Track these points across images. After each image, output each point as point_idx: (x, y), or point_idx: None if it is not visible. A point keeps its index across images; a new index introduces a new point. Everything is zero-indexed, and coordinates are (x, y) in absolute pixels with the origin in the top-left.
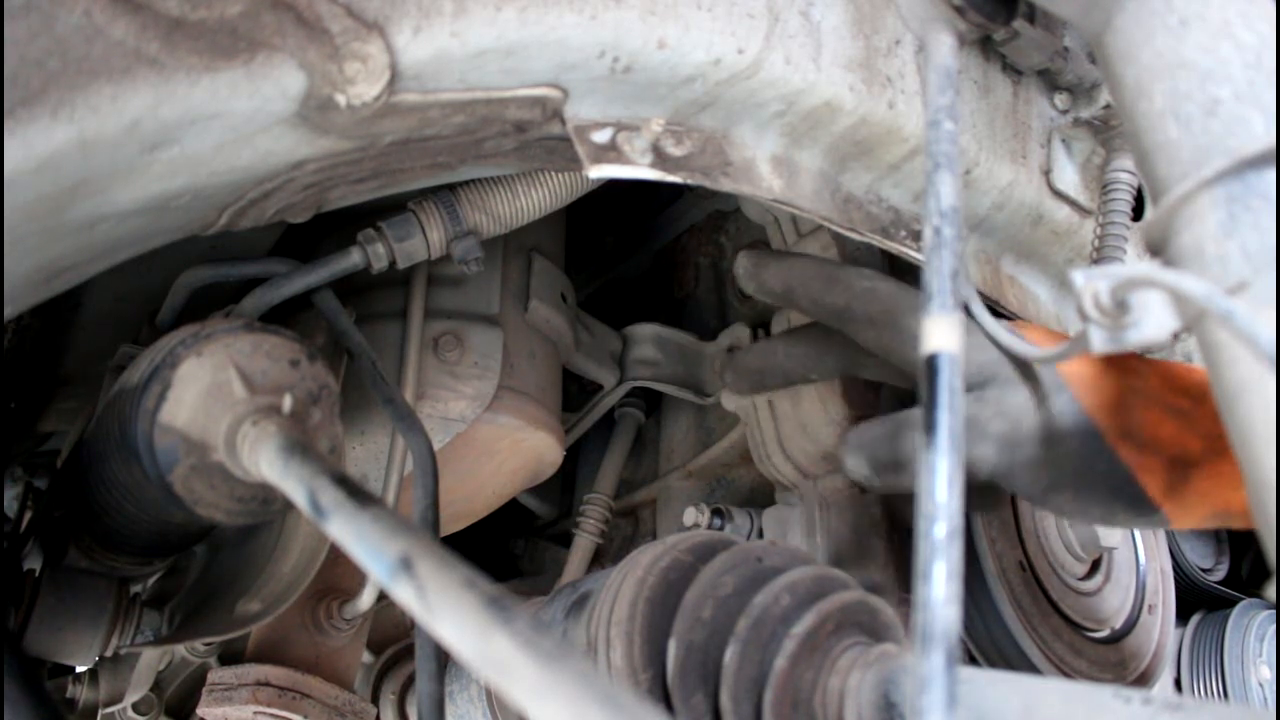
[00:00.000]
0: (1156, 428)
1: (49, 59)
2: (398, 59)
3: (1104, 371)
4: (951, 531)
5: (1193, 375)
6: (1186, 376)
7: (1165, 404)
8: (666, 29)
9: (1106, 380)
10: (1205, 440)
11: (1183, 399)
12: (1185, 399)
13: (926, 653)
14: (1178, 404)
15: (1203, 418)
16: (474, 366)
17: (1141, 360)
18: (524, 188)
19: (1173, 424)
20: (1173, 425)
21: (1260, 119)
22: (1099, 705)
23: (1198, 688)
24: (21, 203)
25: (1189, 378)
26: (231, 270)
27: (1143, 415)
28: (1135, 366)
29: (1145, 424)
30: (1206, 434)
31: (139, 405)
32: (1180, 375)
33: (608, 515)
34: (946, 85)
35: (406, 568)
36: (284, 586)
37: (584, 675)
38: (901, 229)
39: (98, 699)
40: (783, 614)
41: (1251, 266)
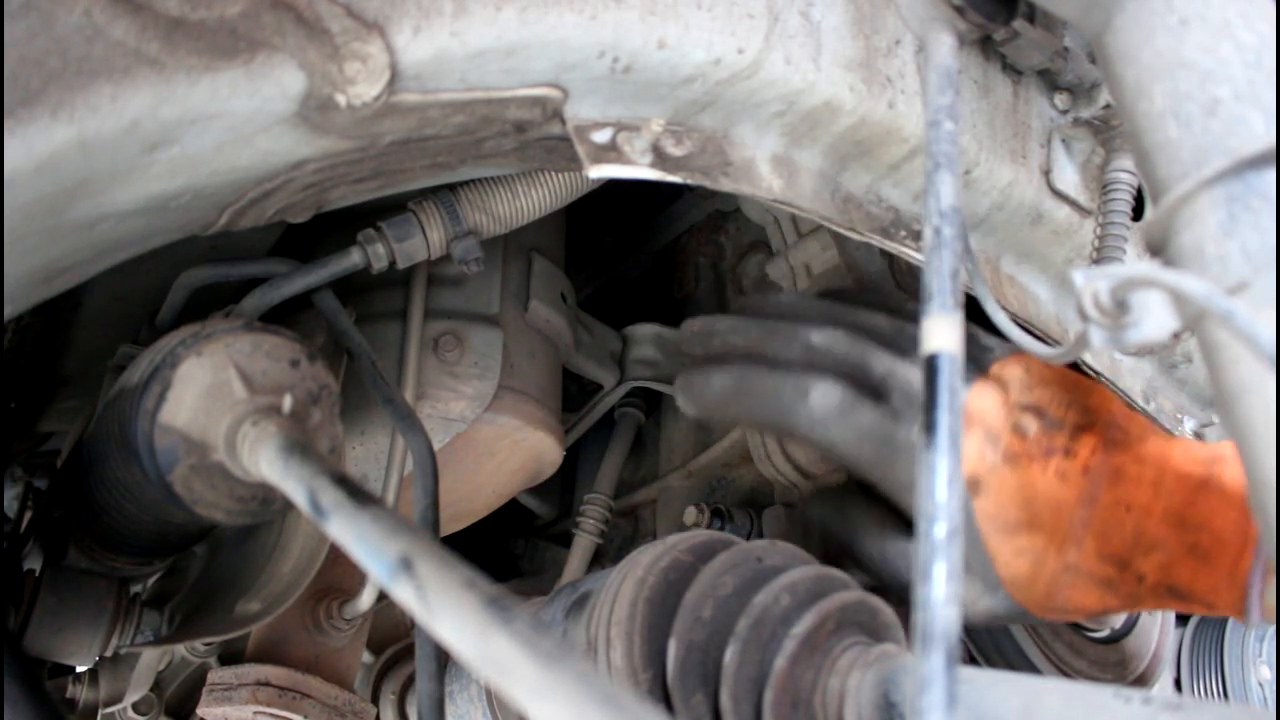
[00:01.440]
0: (1080, 600)
1: (49, 59)
2: (398, 59)
3: (1042, 559)
4: (951, 531)
5: (1123, 531)
6: (1118, 534)
7: (1094, 577)
8: (666, 29)
9: (1043, 570)
10: (1123, 599)
11: (1109, 567)
12: (1111, 567)
13: (926, 653)
14: (1105, 574)
15: (1125, 581)
16: (474, 366)
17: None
18: (524, 188)
19: (1095, 594)
20: (1094, 595)
21: (1260, 119)
22: (1099, 705)
23: (1198, 688)
24: (21, 203)
25: (1120, 535)
26: (231, 270)
27: (1069, 594)
28: (1075, 530)
29: (1071, 600)
30: (1126, 594)
31: (139, 405)
32: (1114, 534)
33: (608, 515)
34: (946, 85)
35: (406, 568)
36: (284, 586)
37: (584, 675)
38: (901, 229)
39: (98, 699)
40: (783, 614)
41: (1251, 266)
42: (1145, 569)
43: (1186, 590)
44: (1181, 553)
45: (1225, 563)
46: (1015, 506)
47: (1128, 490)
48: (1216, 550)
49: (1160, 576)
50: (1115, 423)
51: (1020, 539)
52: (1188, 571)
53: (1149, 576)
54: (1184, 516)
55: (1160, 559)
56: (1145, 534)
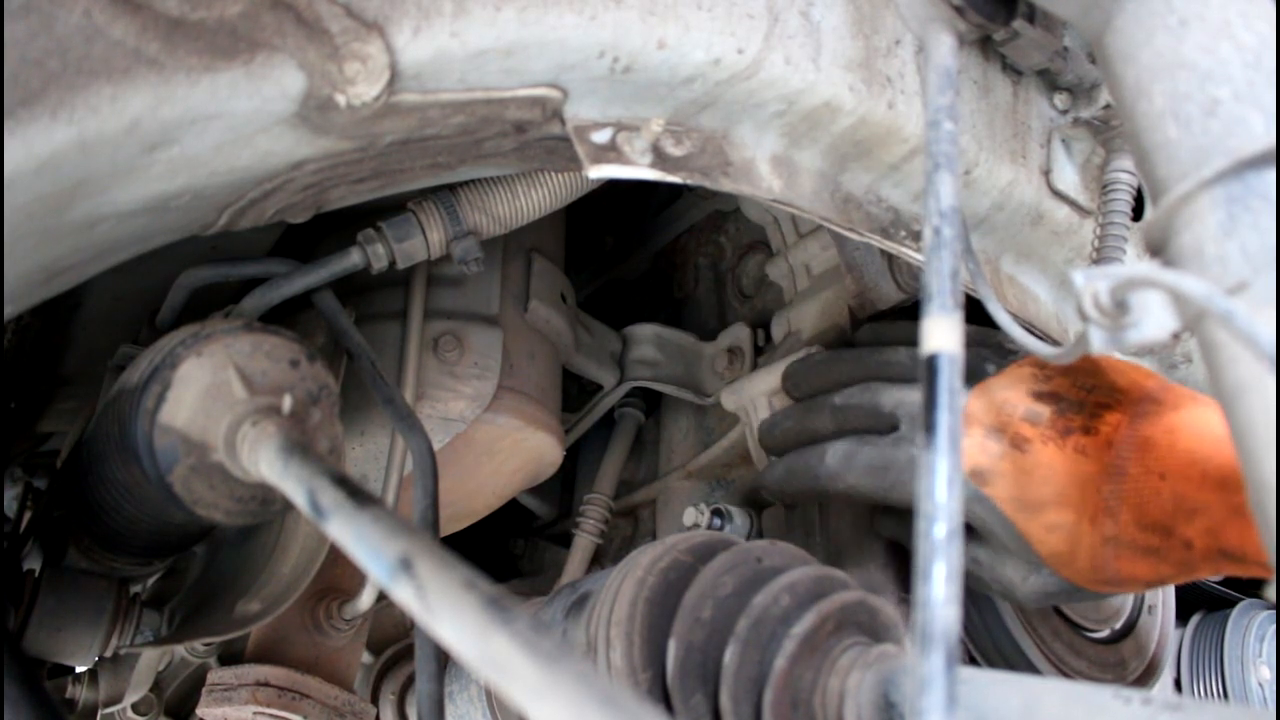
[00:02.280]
0: (1132, 571)
1: (49, 59)
2: (397, 59)
3: (1076, 532)
4: (951, 531)
5: (1161, 499)
6: (1155, 502)
7: (1137, 547)
8: (666, 29)
9: (1081, 543)
10: (1176, 567)
11: (1152, 536)
12: (1154, 535)
13: (926, 653)
14: (1148, 543)
15: (1173, 549)
16: (474, 367)
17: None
18: (524, 188)
19: (1144, 564)
20: (1144, 565)
21: (1260, 119)
22: (1099, 705)
23: (1198, 688)
24: (21, 203)
25: (1158, 503)
26: (231, 270)
27: (1118, 565)
28: (1108, 502)
29: (1120, 571)
30: (1178, 562)
31: (139, 405)
32: (1151, 502)
33: (608, 515)
34: (946, 85)
35: (406, 568)
36: (284, 586)
37: (584, 675)
38: (901, 229)
39: (97, 699)
40: (783, 614)
41: (1251, 266)
42: (1191, 534)
43: (1239, 552)
44: (1226, 514)
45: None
46: (1034, 486)
47: (1159, 458)
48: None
49: (1209, 541)
50: (1149, 396)
51: (1048, 515)
52: (1236, 532)
53: (1197, 541)
54: (1225, 477)
55: (1206, 523)
56: (1185, 499)
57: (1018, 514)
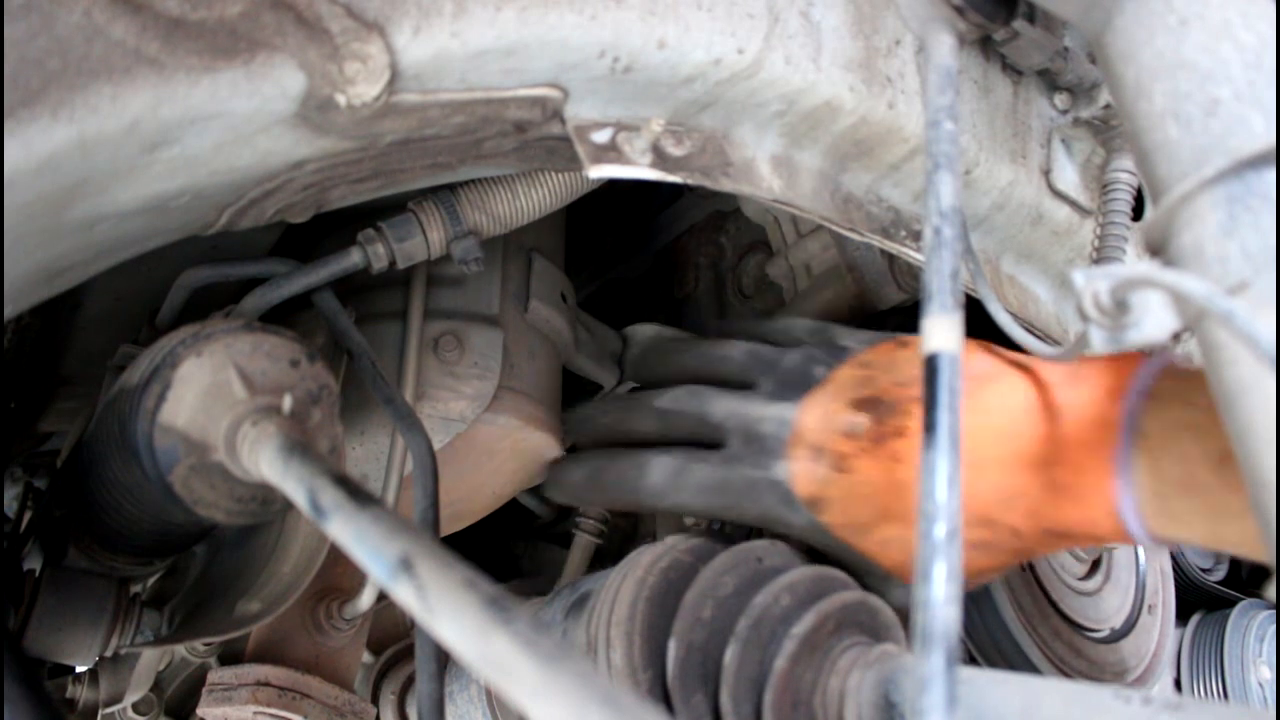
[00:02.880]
0: (973, 566)
1: (49, 59)
2: (398, 59)
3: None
4: (951, 531)
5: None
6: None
7: (969, 544)
8: (666, 29)
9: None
10: (1011, 555)
11: (979, 530)
12: (979, 528)
13: (926, 653)
14: (978, 538)
15: (1000, 540)
16: (474, 366)
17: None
18: (524, 188)
19: (983, 557)
20: (984, 558)
21: (1260, 119)
22: (1099, 705)
23: (1198, 688)
24: (21, 203)
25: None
26: (231, 270)
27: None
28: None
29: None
30: (1010, 551)
31: (139, 405)
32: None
33: (608, 515)
34: (946, 85)
35: (406, 568)
36: (284, 586)
37: (584, 675)
38: (901, 229)
39: (98, 699)
40: (783, 614)
41: (1251, 266)
42: (1015, 521)
43: (1064, 529)
44: (1044, 493)
45: (1089, 488)
46: (859, 506)
47: (971, 449)
48: (1075, 479)
49: (1034, 523)
50: (967, 374)
51: (877, 532)
52: (1056, 510)
53: (1023, 527)
54: (1035, 456)
55: (1026, 505)
56: (1001, 487)
57: (853, 536)
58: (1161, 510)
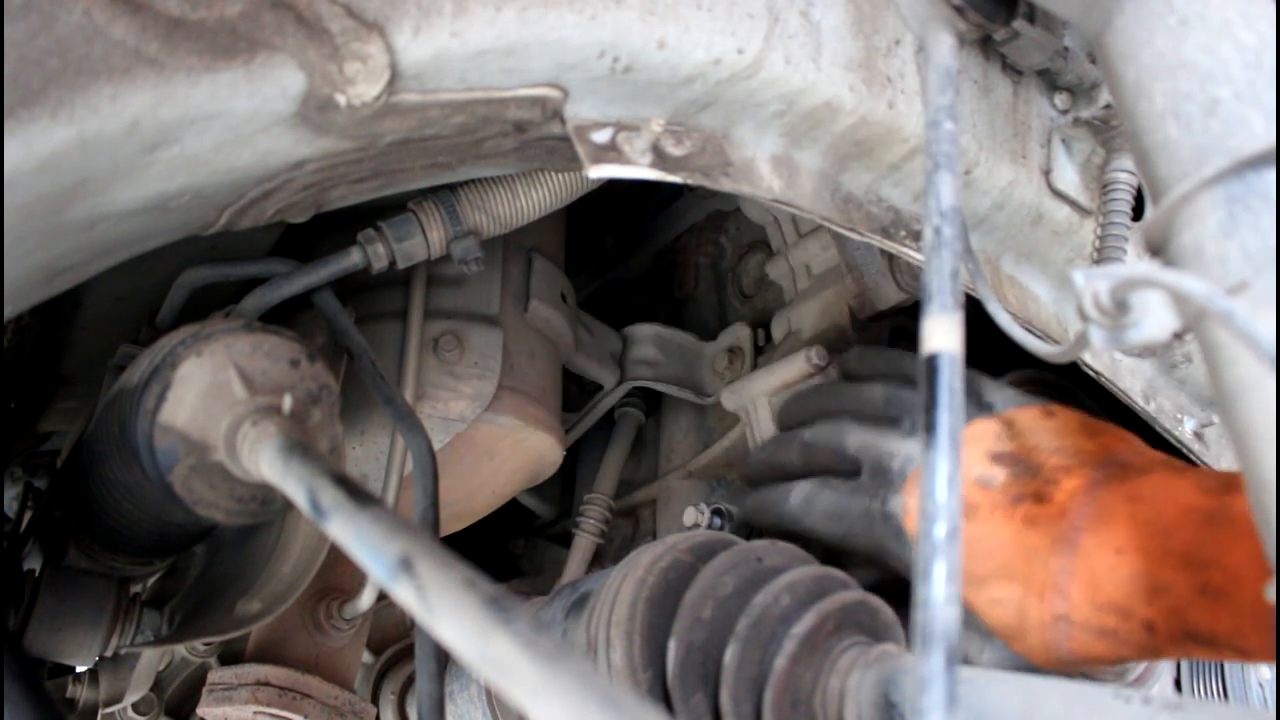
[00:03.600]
0: (1088, 652)
1: (49, 59)
2: (398, 59)
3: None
4: (951, 531)
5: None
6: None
7: (1091, 627)
8: (666, 29)
9: (1029, 620)
10: (1137, 650)
11: (1108, 617)
12: (1110, 616)
13: (926, 653)
14: (1103, 624)
15: (1132, 631)
16: (474, 366)
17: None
18: (524, 188)
19: (1100, 645)
20: (1101, 646)
21: (1260, 119)
22: (1099, 705)
23: (1198, 688)
24: (21, 203)
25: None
26: (231, 270)
27: (1070, 646)
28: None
29: (1075, 651)
30: (1138, 645)
31: (139, 405)
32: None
33: (608, 515)
34: (946, 85)
35: (406, 568)
36: (284, 586)
37: (584, 675)
38: (901, 229)
39: (98, 699)
40: (783, 614)
41: (1251, 266)
42: (1153, 615)
43: (1209, 634)
44: (1192, 594)
45: (1245, 600)
46: (978, 558)
47: (1117, 532)
48: (1232, 587)
49: (1173, 623)
50: (1115, 460)
51: (991, 589)
52: (1203, 614)
53: (1159, 623)
54: (1190, 554)
55: (1169, 602)
56: (1144, 577)
57: (966, 586)
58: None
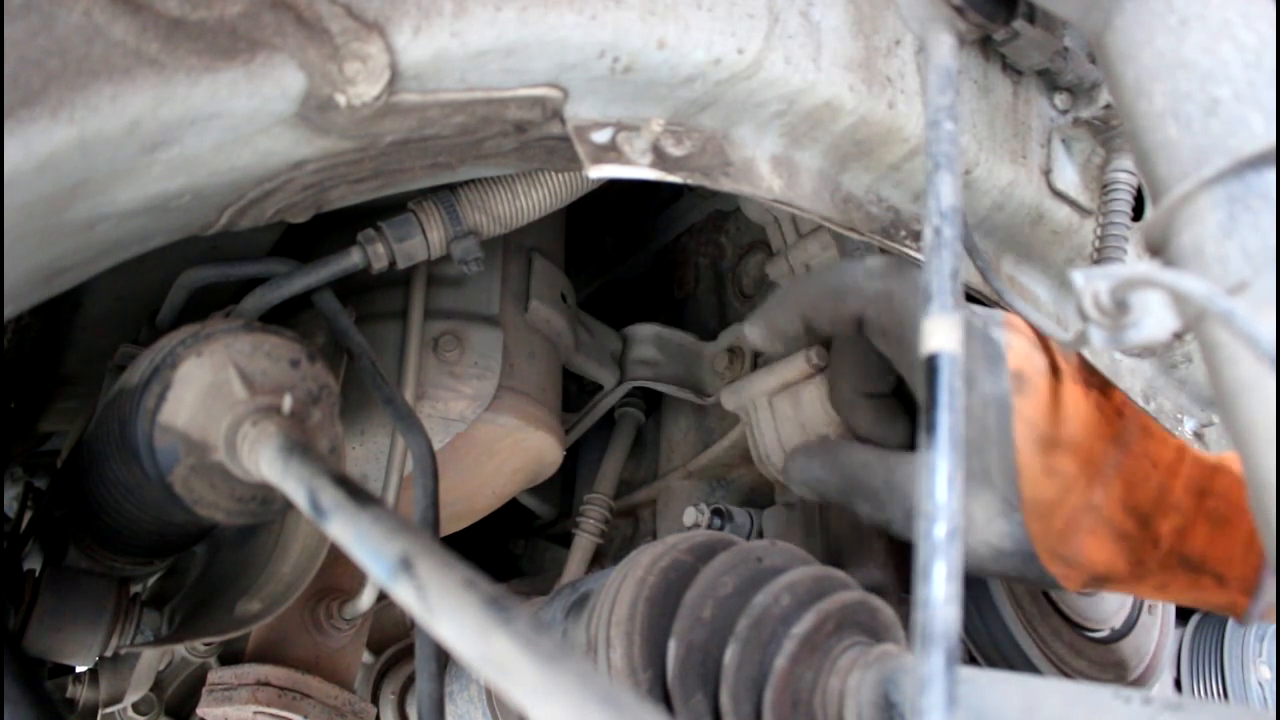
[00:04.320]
0: (1094, 552)
1: (49, 59)
2: (398, 59)
3: (1070, 487)
4: (951, 531)
5: (1149, 486)
6: (1144, 487)
7: (1114, 526)
8: (666, 29)
9: (1068, 500)
10: (1133, 564)
11: (1131, 520)
12: (1133, 520)
13: (926, 653)
14: (1125, 526)
15: (1143, 542)
16: (474, 366)
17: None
18: (524, 188)
19: (1110, 549)
20: (1109, 550)
21: (1260, 119)
22: (1099, 705)
23: (1198, 688)
24: (21, 203)
25: (1146, 489)
26: (231, 270)
27: (1086, 539)
28: (1106, 469)
29: (1084, 548)
30: (1138, 560)
31: (139, 405)
32: (1140, 485)
33: (608, 515)
34: (946, 85)
35: (406, 568)
36: (284, 586)
37: (584, 675)
38: (901, 229)
39: (98, 699)
40: (783, 614)
41: (1251, 266)
42: (1162, 531)
43: (1199, 558)
44: (1199, 517)
45: (1242, 531)
46: (1055, 420)
47: (1156, 447)
48: (1235, 517)
49: (1175, 542)
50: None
51: (1054, 458)
52: (1203, 538)
53: (1164, 541)
54: (1204, 486)
55: (1177, 522)
56: (1168, 494)
57: (1029, 444)
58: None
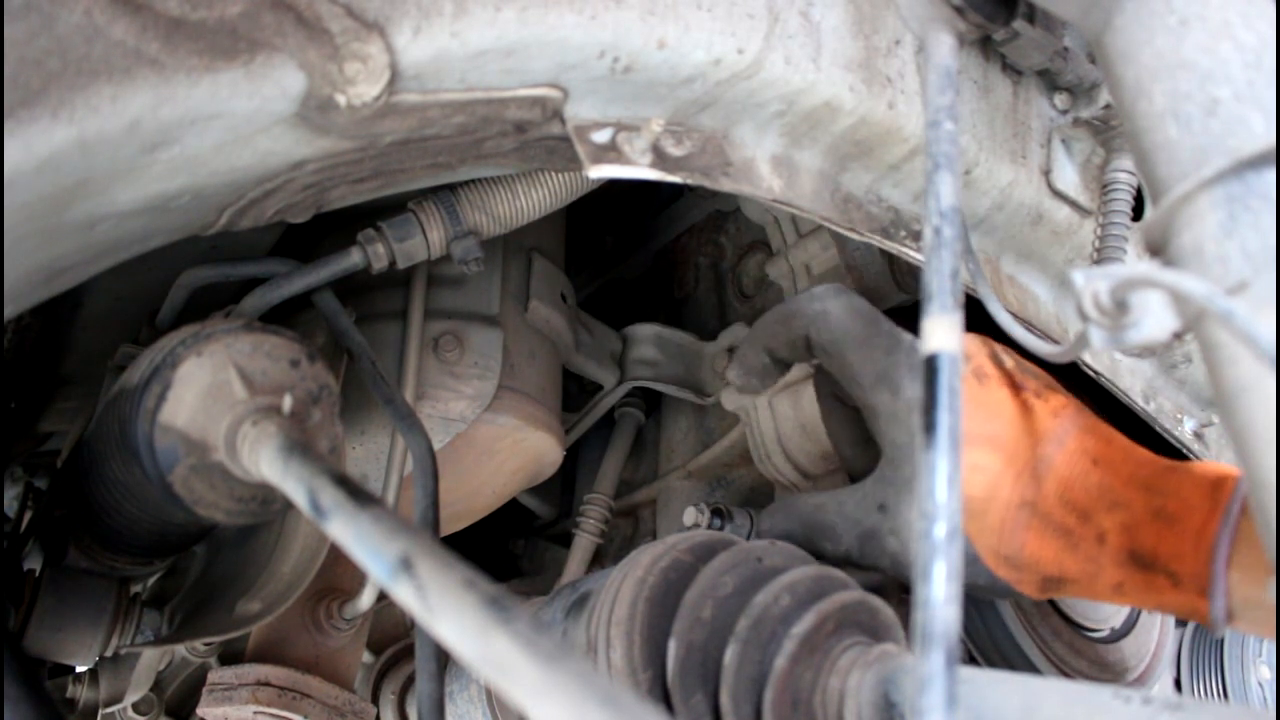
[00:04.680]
0: (1037, 550)
1: (49, 59)
2: (398, 59)
3: (998, 483)
4: (951, 531)
5: (1088, 481)
6: (1082, 483)
7: (1051, 522)
8: (666, 29)
9: (998, 496)
10: (1081, 562)
11: (1070, 515)
12: (1072, 515)
13: (926, 653)
14: (1064, 521)
15: (1085, 537)
16: (474, 366)
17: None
18: (524, 188)
19: (1052, 545)
20: (1052, 547)
21: (1260, 119)
22: (1099, 705)
23: (1198, 688)
24: (21, 203)
25: (1084, 485)
26: (231, 270)
27: (1025, 537)
28: (1037, 466)
29: (1026, 547)
30: (1085, 556)
31: (139, 405)
32: (1078, 481)
33: (608, 515)
34: (946, 85)
35: (406, 568)
36: (284, 586)
37: (584, 675)
38: (901, 229)
39: (98, 699)
40: (783, 614)
41: (1251, 266)
42: (1107, 526)
43: (1150, 555)
44: (1146, 515)
45: (1191, 528)
46: (975, 419)
47: (1097, 443)
48: (1183, 514)
49: (1123, 539)
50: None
51: (979, 452)
52: (1151, 535)
53: (1111, 536)
54: (1151, 483)
55: (1124, 518)
56: (1110, 490)
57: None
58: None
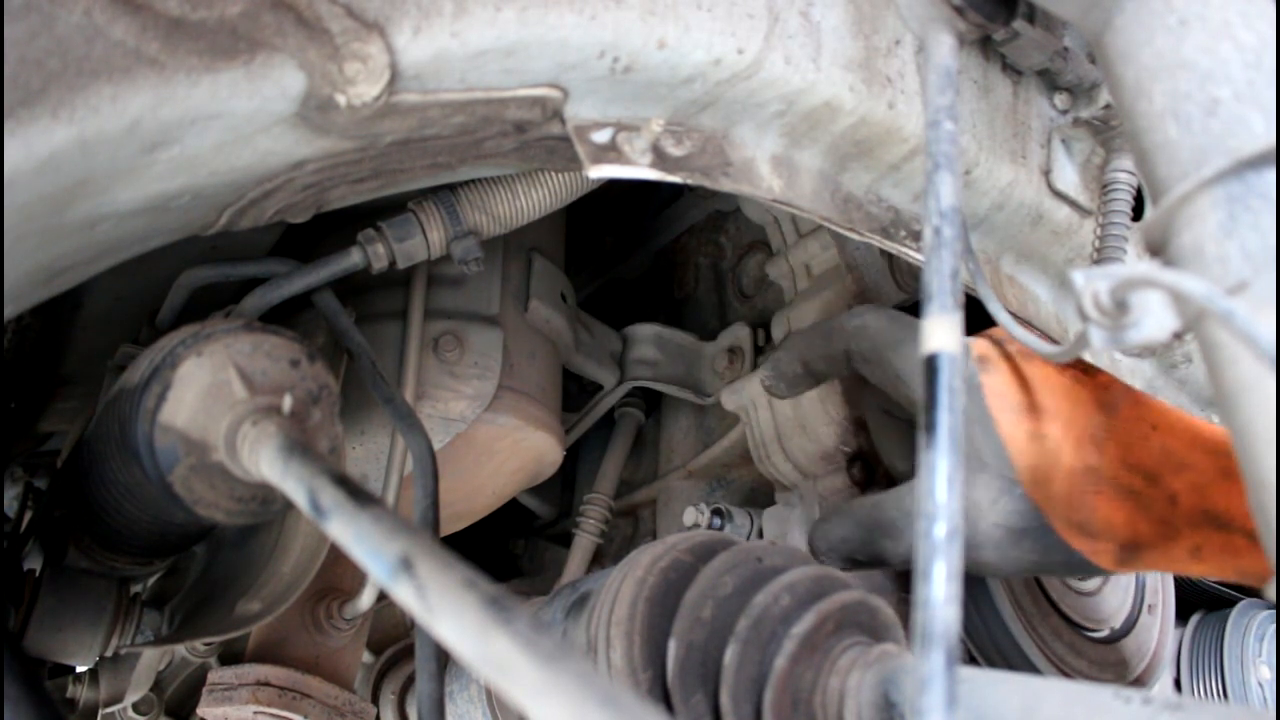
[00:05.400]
0: (1109, 515)
1: (49, 59)
2: (398, 59)
3: (1059, 449)
4: (951, 531)
5: (1149, 445)
6: (1143, 446)
7: (1119, 485)
8: (666, 29)
9: (1061, 462)
10: (1156, 524)
11: (1136, 478)
12: (1138, 477)
13: (926, 653)
14: (1131, 484)
15: (1155, 499)
16: (474, 366)
17: (1108, 414)
18: (524, 188)
19: (1124, 509)
20: (1124, 510)
21: (1260, 119)
22: (1099, 705)
23: (1198, 688)
24: (21, 203)
25: (1146, 448)
26: (231, 270)
27: (1095, 502)
28: (1095, 432)
29: (1097, 512)
30: (1158, 518)
31: (139, 405)
32: (1139, 445)
33: (608, 515)
34: (946, 85)
35: (406, 568)
36: (284, 586)
37: (584, 675)
38: (901, 229)
39: (98, 699)
40: (783, 614)
41: (1251, 266)
42: (1178, 488)
43: (1225, 515)
44: (1215, 474)
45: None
46: (1027, 390)
47: (1152, 410)
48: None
49: (1195, 499)
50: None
51: (1034, 422)
52: (1223, 494)
53: (1182, 497)
54: (1213, 445)
55: (1193, 478)
56: (1174, 453)
57: (1004, 412)
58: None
